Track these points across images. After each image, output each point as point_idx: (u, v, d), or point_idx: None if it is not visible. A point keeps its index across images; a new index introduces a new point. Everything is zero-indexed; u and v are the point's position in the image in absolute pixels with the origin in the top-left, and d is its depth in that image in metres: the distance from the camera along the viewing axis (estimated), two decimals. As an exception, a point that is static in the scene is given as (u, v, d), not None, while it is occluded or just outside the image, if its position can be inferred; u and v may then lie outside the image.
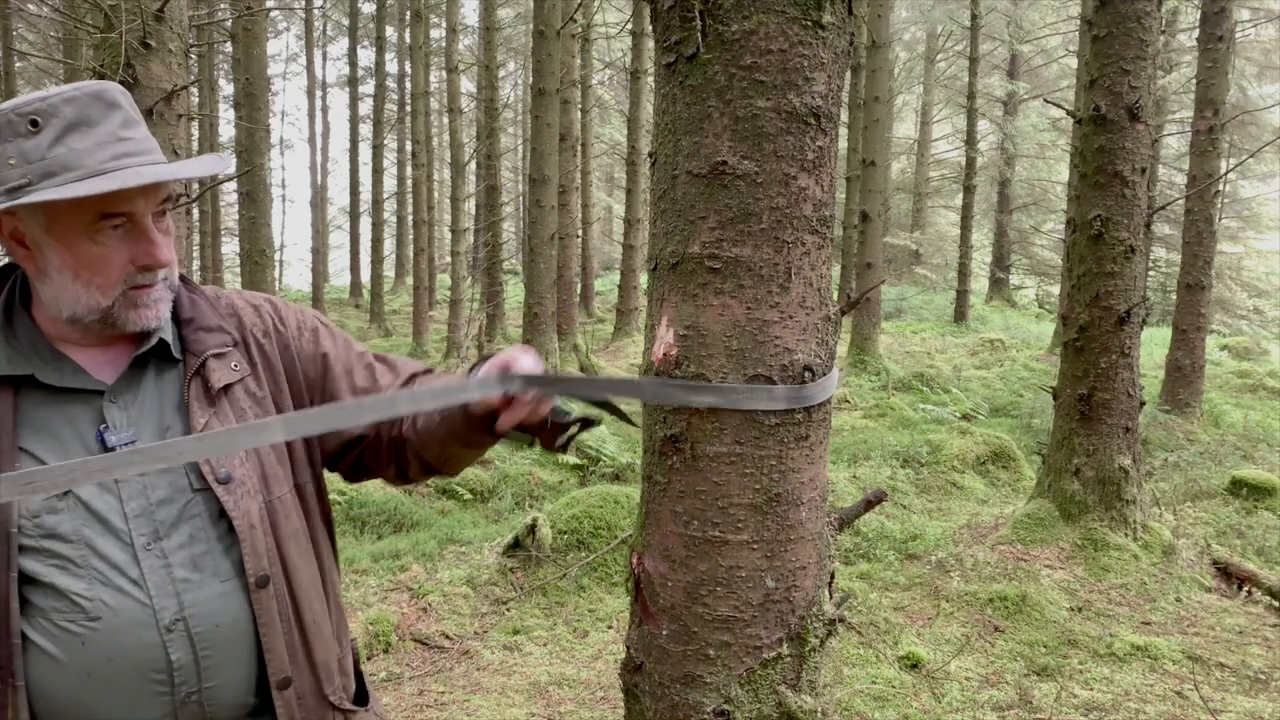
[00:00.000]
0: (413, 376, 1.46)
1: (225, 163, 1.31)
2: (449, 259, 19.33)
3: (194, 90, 6.25)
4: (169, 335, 1.28)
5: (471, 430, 1.34)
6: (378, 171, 23.04)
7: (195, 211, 22.02)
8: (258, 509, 1.26)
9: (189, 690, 1.21)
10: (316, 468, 1.40)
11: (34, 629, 1.15)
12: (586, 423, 1.28)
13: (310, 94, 31.25)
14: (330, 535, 1.43)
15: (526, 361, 1.29)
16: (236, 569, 1.25)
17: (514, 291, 22.47)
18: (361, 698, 1.41)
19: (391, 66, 27.86)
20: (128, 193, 1.16)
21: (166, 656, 1.19)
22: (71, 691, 1.17)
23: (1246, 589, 4.58)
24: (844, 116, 14.59)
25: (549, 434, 1.35)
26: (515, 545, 4.77)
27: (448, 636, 4.06)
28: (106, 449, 1.20)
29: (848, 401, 10.40)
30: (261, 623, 1.26)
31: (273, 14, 24.79)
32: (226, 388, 1.29)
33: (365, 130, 28.43)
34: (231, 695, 1.25)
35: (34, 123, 1.15)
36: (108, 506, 1.18)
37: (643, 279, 15.82)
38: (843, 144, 13.96)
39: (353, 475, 1.50)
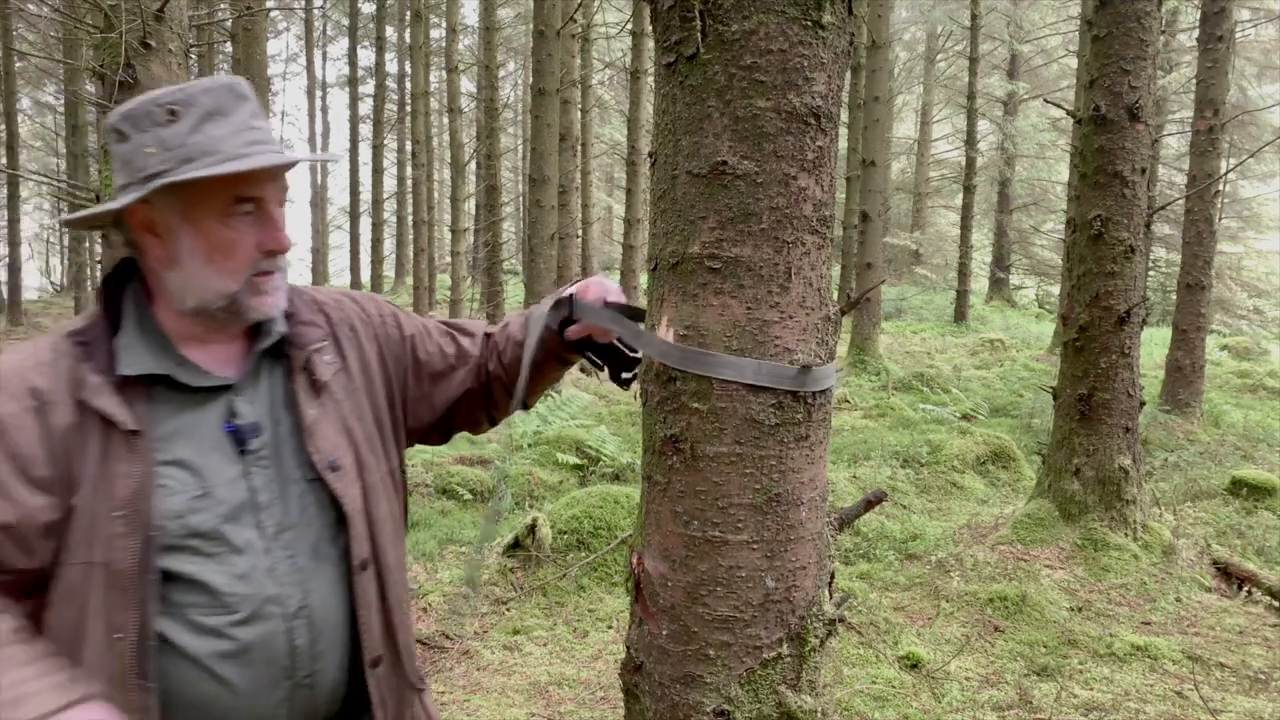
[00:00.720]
0: (487, 336, 1.56)
1: (340, 155, 1.37)
2: (449, 259, 19.33)
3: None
4: (282, 329, 1.33)
5: (550, 350, 1.47)
6: (378, 171, 23.03)
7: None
8: (359, 494, 1.31)
9: (304, 675, 1.25)
10: (402, 449, 1.46)
11: (172, 626, 1.18)
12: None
13: (310, 94, 31.28)
14: (405, 518, 1.49)
15: (610, 287, 1.46)
16: (343, 554, 1.30)
17: (514, 291, 22.46)
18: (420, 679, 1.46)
19: (391, 66, 27.86)
20: (260, 178, 1.23)
21: (291, 643, 1.23)
22: (202, 687, 1.19)
23: (1246, 589, 4.58)
24: (844, 116, 14.59)
25: (615, 365, 1.48)
26: (515, 545, 4.77)
27: (448, 636, 4.06)
28: (239, 442, 1.24)
29: (848, 401, 10.40)
30: (360, 604, 1.30)
31: (273, 14, 24.77)
32: (323, 386, 1.34)
33: (365, 130, 28.42)
34: (332, 678, 1.30)
35: (172, 112, 1.20)
36: (241, 501, 1.22)
37: (643, 279, 15.81)
38: (843, 144, 13.96)
39: (444, 438, 1.56)
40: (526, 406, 1.49)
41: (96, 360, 1.20)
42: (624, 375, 1.47)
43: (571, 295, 1.45)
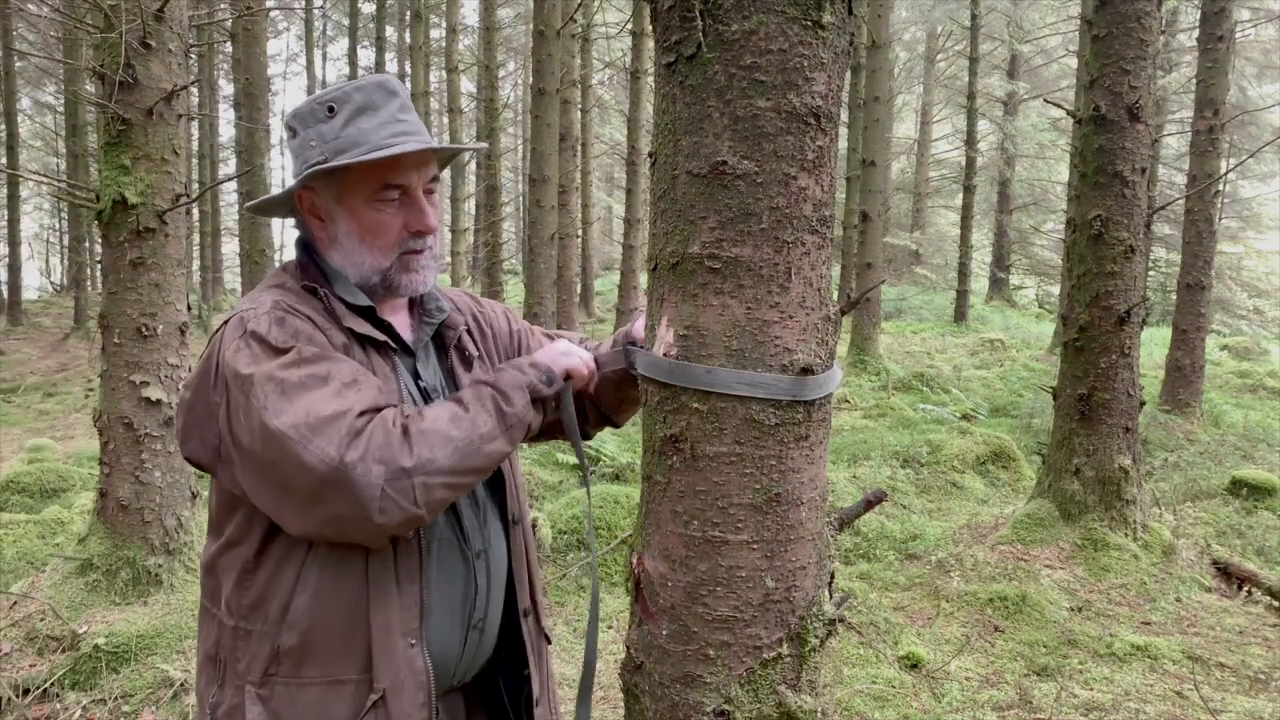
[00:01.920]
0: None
1: (484, 147, 1.53)
2: (449, 259, 19.33)
3: (194, 90, 6.25)
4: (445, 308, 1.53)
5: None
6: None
7: (195, 212, 22.02)
8: (509, 459, 1.48)
9: (479, 616, 1.43)
10: None
11: (429, 548, 1.37)
12: None
13: (310, 94, 31.25)
14: None
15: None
16: (501, 509, 1.50)
17: (514, 291, 22.47)
18: None
19: (391, 66, 27.85)
20: (405, 165, 1.38)
21: (474, 581, 1.41)
22: (434, 598, 1.37)
23: (1246, 589, 4.58)
24: (844, 116, 14.59)
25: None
26: (515, 545, 4.77)
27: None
28: (425, 399, 1.42)
29: (848, 401, 10.40)
30: (514, 557, 1.50)
31: (273, 14, 24.78)
32: (473, 359, 1.55)
33: (365, 130, 28.37)
34: (494, 626, 1.47)
35: (330, 109, 1.37)
36: None
37: (643, 279, 15.82)
38: (843, 144, 13.96)
39: (540, 436, 1.69)
40: (616, 424, 1.67)
41: (335, 299, 1.38)
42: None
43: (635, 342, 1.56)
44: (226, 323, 1.32)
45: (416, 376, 1.44)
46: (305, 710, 1.28)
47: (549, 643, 1.61)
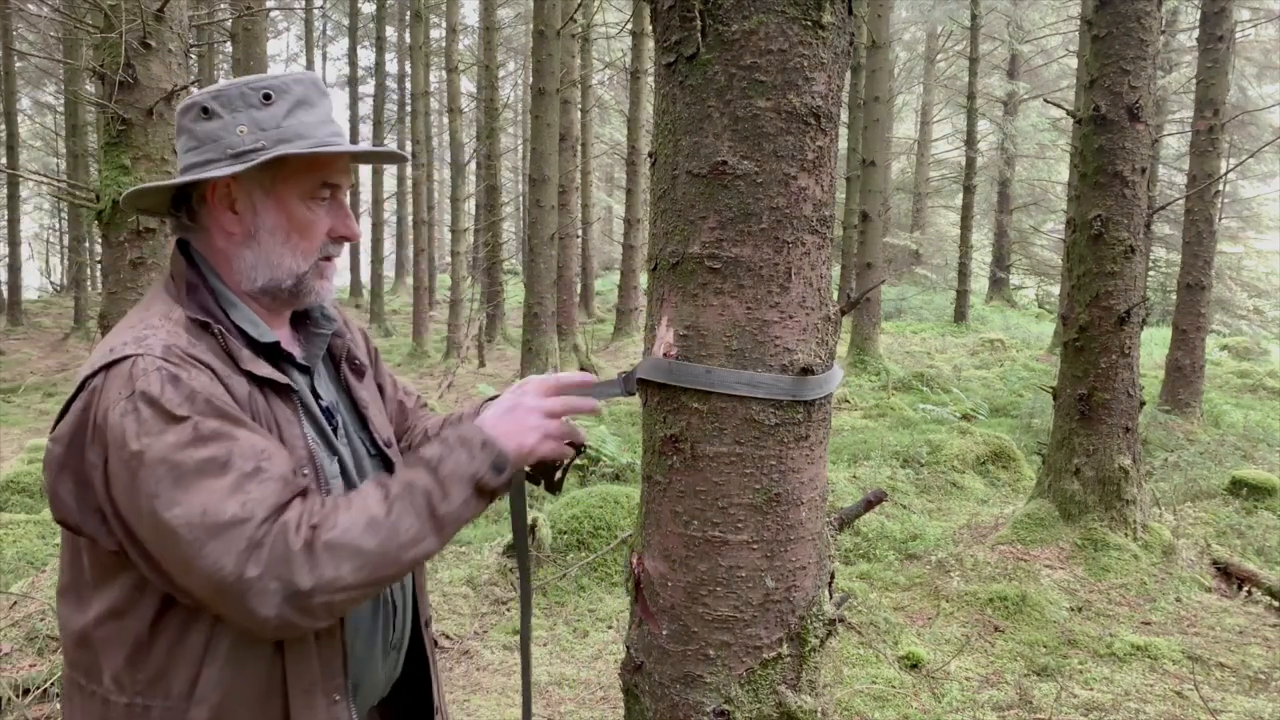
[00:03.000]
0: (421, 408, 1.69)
1: (406, 158, 1.46)
2: (449, 259, 19.33)
3: (194, 90, 6.24)
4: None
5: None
6: (377, 171, 23.02)
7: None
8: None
9: (396, 636, 1.38)
10: None
11: None
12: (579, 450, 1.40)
13: (310, 94, 31.19)
14: None
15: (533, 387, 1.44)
16: None
17: (514, 291, 22.47)
18: None
19: (391, 66, 27.85)
20: (340, 168, 1.31)
21: (391, 600, 1.36)
22: (355, 636, 1.30)
23: (1246, 589, 4.58)
24: (844, 116, 14.58)
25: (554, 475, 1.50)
26: (514, 545, 4.77)
27: (448, 636, 4.06)
28: (329, 419, 1.35)
29: (848, 401, 10.40)
30: (418, 570, 1.43)
31: (273, 14, 24.77)
32: (363, 368, 1.48)
33: (365, 130, 28.43)
34: (407, 641, 1.43)
35: (267, 96, 1.26)
36: (338, 472, 1.32)
37: (643, 279, 15.82)
38: (843, 144, 13.95)
39: None
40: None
41: (232, 335, 1.24)
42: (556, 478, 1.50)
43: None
44: (108, 367, 1.14)
45: (316, 395, 1.35)
46: None
47: (439, 650, 1.61)
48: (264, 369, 1.24)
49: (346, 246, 1.43)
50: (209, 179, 1.25)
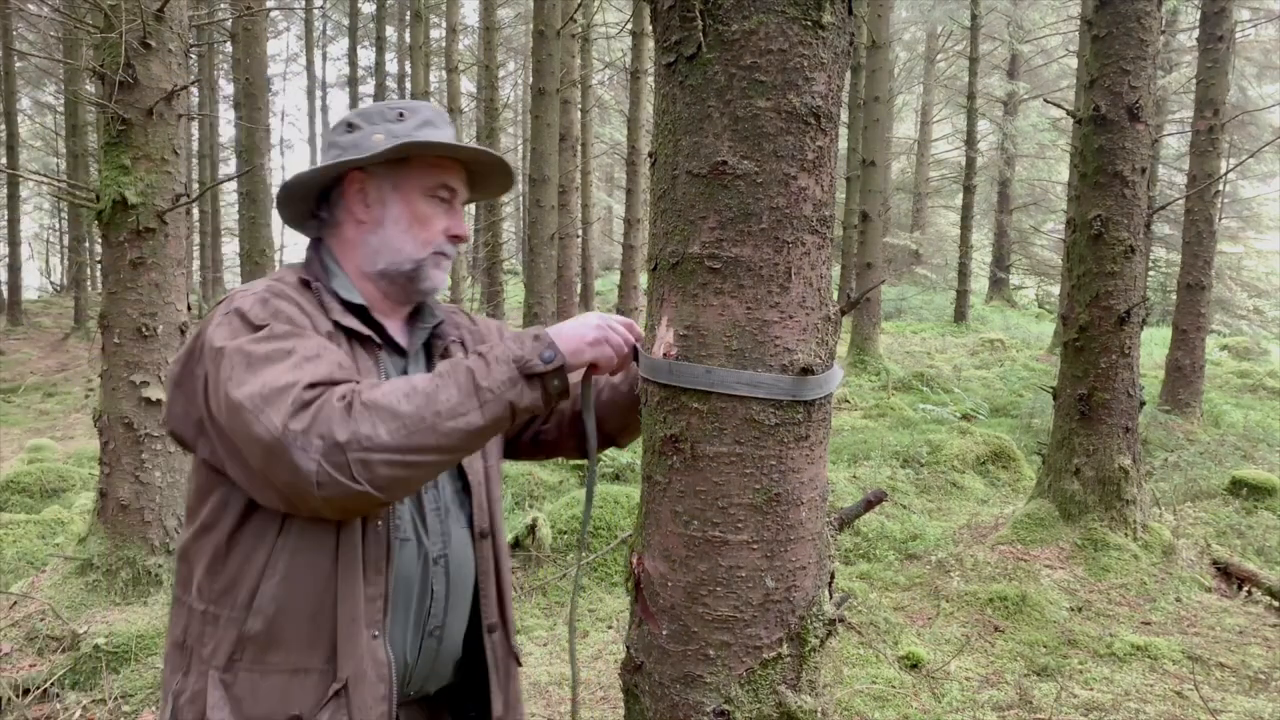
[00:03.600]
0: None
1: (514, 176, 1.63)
2: (449, 259, 19.28)
3: (194, 90, 6.24)
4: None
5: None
6: (378, 171, 23.00)
7: (195, 212, 22.01)
8: (483, 471, 1.52)
9: (437, 623, 1.42)
10: (503, 446, 1.66)
11: (394, 547, 1.37)
12: None
13: (310, 94, 31.25)
14: None
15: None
16: (468, 521, 1.49)
17: (514, 291, 22.47)
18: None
19: (391, 66, 27.84)
20: (458, 175, 1.51)
21: (430, 586, 1.41)
22: (399, 592, 1.38)
23: (1246, 589, 4.58)
24: (844, 116, 14.58)
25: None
26: (515, 545, 4.77)
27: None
28: None
29: (848, 401, 10.40)
30: (481, 571, 1.49)
31: (273, 14, 24.78)
32: None
33: (365, 130, 28.35)
34: (455, 639, 1.46)
35: (401, 114, 1.49)
36: None
37: (643, 279, 15.81)
38: (843, 144, 13.95)
39: (529, 452, 1.71)
40: (619, 445, 1.66)
41: (328, 293, 1.43)
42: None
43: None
44: (217, 304, 1.36)
45: (405, 375, 1.45)
46: (267, 698, 1.28)
47: (519, 664, 1.60)
48: (350, 321, 1.40)
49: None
50: (349, 161, 1.44)
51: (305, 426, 1.16)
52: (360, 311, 1.44)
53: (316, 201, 1.52)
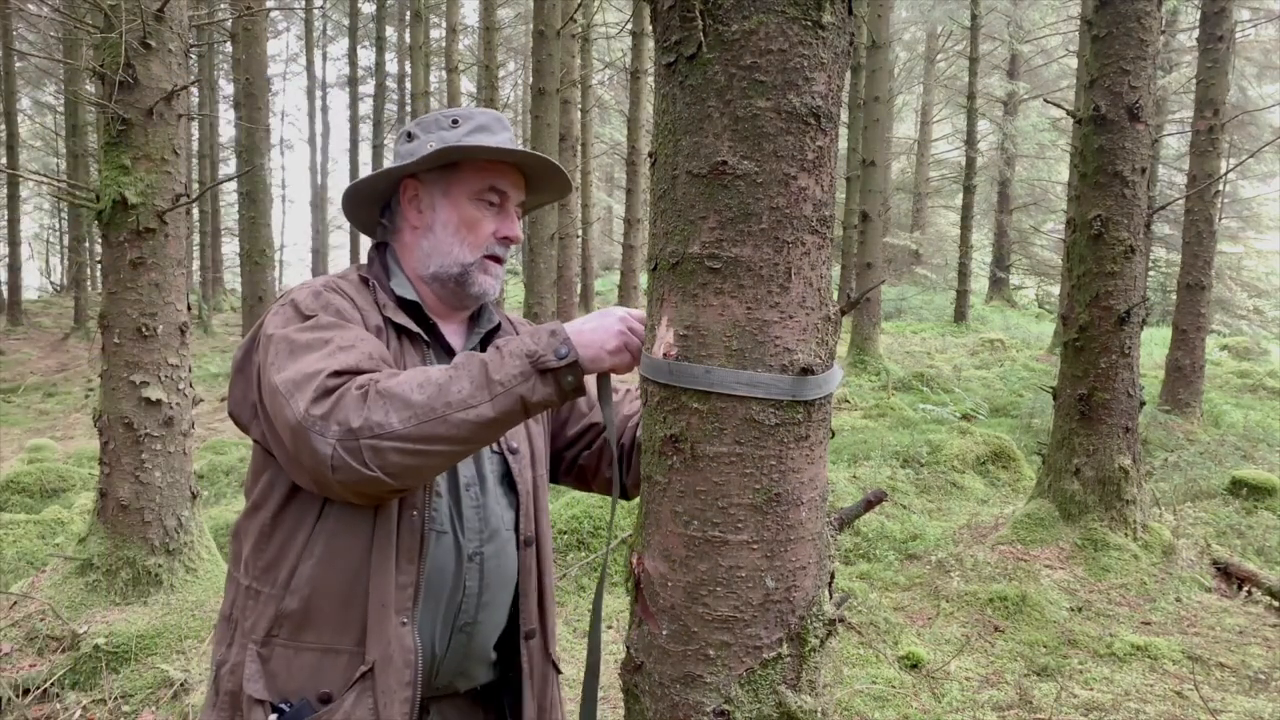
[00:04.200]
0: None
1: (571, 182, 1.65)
2: (449, 259, 19.28)
3: (194, 90, 6.24)
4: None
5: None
6: (378, 171, 23.01)
7: (195, 212, 22.01)
8: (532, 480, 1.54)
9: (468, 619, 1.44)
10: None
11: (430, 538, 1.40)
12: None
13: (310, 94, 31.25)
14: None
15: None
16: (513, 526, 1.51)
17: (514, 291, 22.47)
18: None
19: (391, 66, 27.85)
20: (509, 178, 1.53)
21: (463, 582, 1.42)
22: (430, 583, 1.40)
23: (1246, 589, 4.58)
24: (844, 116, 14.58)
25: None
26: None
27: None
28: None
29: (848, 401, 10.40)
30: (522, 577, 1.51)
31: (273, 14, 24.78)
32: None
33: (365, 130, 28.42)
34: (487, 639, 1.48)
35: (455, 121, 1.53)
36: None
37: (643, 279, 15.81)
38: (843, 144, 13.96)
39: (566, 477, 1.72)
40: (627, 497, 1.61)
41: (384, 291, 1.49)
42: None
43: None
44: (279, 297, 1.44)
45: None
46: (299, 673, 1.33)
47: (558, 672, 1.62)
48: (401, 318, 1.45)
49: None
50: (399, 169, 1.50)
51: (325, 412, 1.21)
52: (413, 308, 1.49)
53: (380, 209, 1.59)
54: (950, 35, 25.17)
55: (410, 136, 1.54)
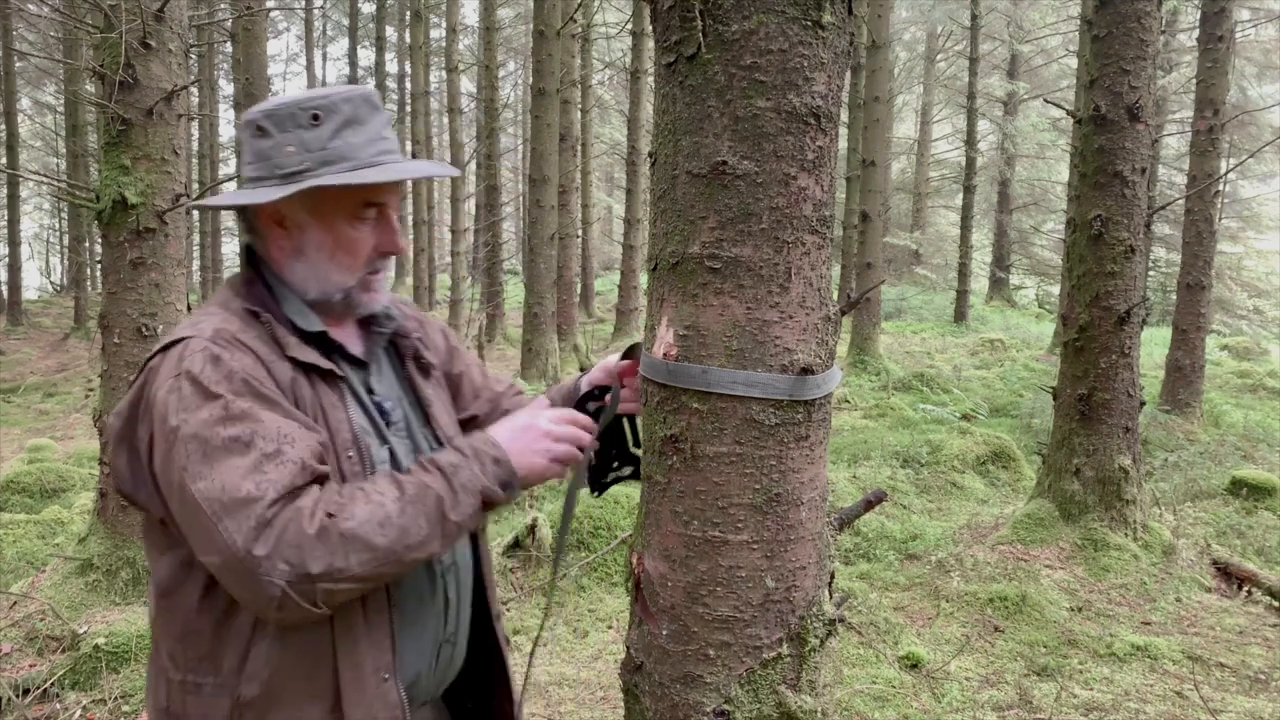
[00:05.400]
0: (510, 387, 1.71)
1: (457, 171, 1.46)
2: (449, 259, 19.32)
3: (194, 90, 6.24)
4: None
5: None
6: (378, 171, 22.99)
7: (195, 211, 22.00)
8: None
9: (451, 631, 1.39)
10: None
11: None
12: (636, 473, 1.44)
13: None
14: None
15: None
16: None
17: (514, 291, 22.46)
18: None
19: (391, 66, 27.85)
20: (386, 186, 1.34)
21: (444, 596, 1.37)
22: (405, 623, 1.31)
23: (1246, 589, 4.58)
24: (844, 116, 14.58)
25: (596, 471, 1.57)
26: (515, 545, 4.77)
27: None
28: (382, 413, 1.37)
29: (848, 401, 10.39)
30: (483, 563, 1.48)
31: (273, 14, 24.77)
32: (431, 367, 1.50)
33: (365, 130, 28.33)
34: (464, 639, 1.44)
35: (315, 116, 1.30)
36: (386, 457, 1.34)
37: (643, 279, 15.80)
38: (843, 144, 13.93)
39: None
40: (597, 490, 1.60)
41: (281, 325, 1.30)
42: (603, 481, 1.58)
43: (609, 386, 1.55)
44: (166, 348, 1.23)
45: (370, 390, 1.39)
46: None
47: (509, 646, 1.58)
48: (309, 355, 1.29)
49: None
50: (250, 205, 1.31)
51: (269, 551, 1.09)
52: (318, 338, 1.33)
53: (239, 210, 1.39)
54: (950, 35, 25.17)
55: (262, 132, 1.31)
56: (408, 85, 24.09)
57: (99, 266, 4.39)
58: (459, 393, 1.60)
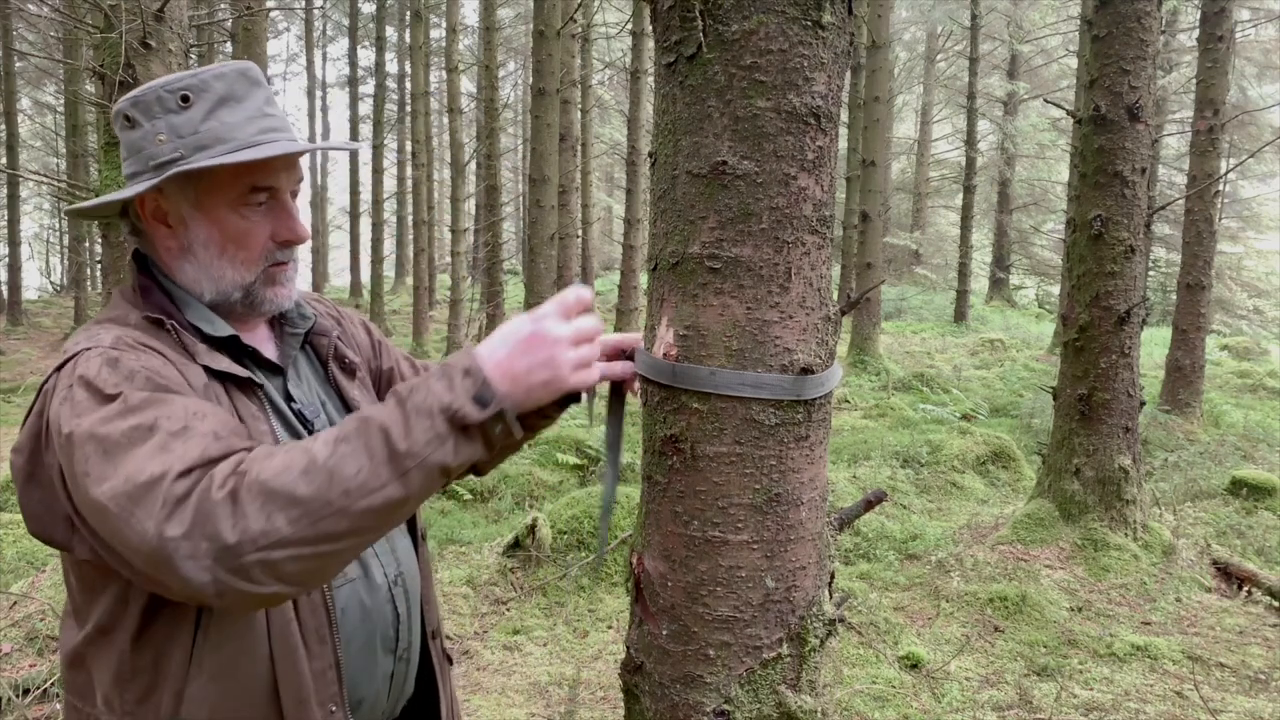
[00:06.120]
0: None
1: (359, 145, 1.34)
2: (449, 259, 19.33)
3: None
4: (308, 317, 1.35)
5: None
6: (378, 172, 23.04)
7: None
8: None
9: (404, 646, 1.30)
10: None
11: (336, 596, 1.21)
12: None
13: (310, 94, 31.26)
14: None
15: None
16: (409, 525, 1.36)
17: (514, 291, 22.46)
18: None
19: (391, 66, 27.84)
20: (275, 166, 1.19)
21: (395, 609, 1.27)
22: (353, 646, 1.23)
23: (1246, 589, 4.58)
24: (844, 116, 14.58)
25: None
26: (515, 545, 4.77)
27: (448, 637, 4.06)
28: (303, 421, 1.25)
29: (848, 401, 10.40)
30: (423, 575, 1.36)
31: (273, 14, 24.76)
32: (355, 367, 1.39)
33: (365, 130, 28.42)
34: (416, 653, 1.34)
35: (185, 98, 1.17)
36: None
37: (643, 279, 15.81)
38: (843, 144, 13.94)
39: None
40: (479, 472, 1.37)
41: (187, 331, 1.18)
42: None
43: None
44: (59, 369, 1.08)
45: (289, 398, 1.26)
46: None
47: (451, 664, 1.49)
48: (222, 363, 1.16)
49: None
50: (120, 199, 1.18)
51: (185, 530, 0.91)
52: (229, 343, 1.21)
53: (121, 212, 1.25)
54: (950, 35, 25.18)
55: (130, 122, 1.19)
56: (408, 85, 24.09)
57: (99, 266, 4.39)
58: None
